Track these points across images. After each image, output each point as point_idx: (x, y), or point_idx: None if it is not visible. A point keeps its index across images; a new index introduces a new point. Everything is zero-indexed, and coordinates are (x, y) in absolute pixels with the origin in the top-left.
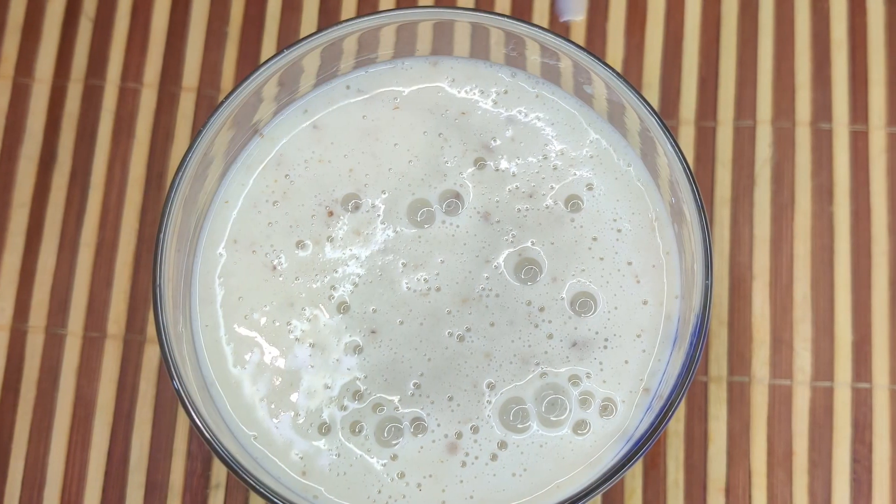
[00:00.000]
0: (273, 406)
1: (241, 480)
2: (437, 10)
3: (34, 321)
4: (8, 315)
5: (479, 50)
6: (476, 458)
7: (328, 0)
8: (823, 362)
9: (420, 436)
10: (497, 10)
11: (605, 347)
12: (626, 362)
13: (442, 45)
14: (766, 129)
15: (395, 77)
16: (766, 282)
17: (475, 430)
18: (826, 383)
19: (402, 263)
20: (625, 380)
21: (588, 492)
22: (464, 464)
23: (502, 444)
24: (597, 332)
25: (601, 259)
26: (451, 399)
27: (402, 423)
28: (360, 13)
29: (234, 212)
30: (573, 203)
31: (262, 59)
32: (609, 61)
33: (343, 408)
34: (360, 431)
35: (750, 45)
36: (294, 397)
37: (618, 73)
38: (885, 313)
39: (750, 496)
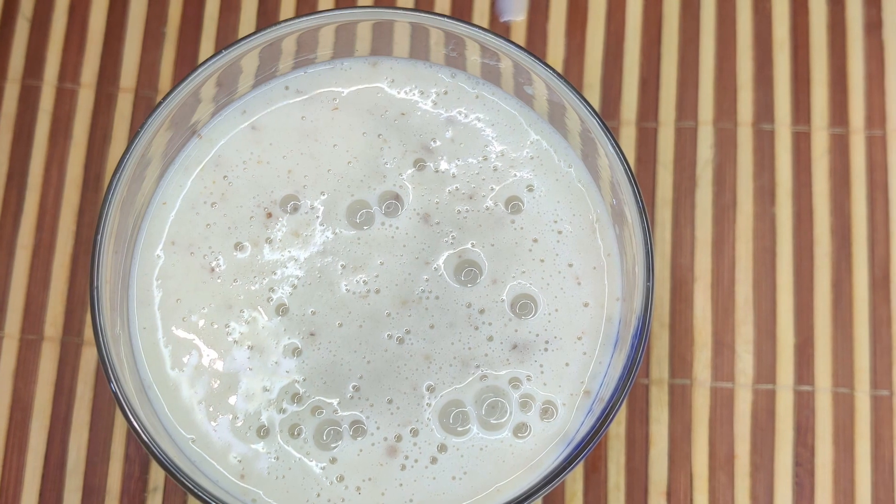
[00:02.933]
0: (211, 409)
1: (178, 484)
2: (376, 10)
3: None
4: None
5: (419, 50)
6: (416, 461)
7: (266, 0)
8: (765, 365)
9: (359, 439)
10: (437, 10)
11: (546, 350)
12: (567, 365)
13: (381, 45)
14: (707, 129)
15: (335, 77)
16: (707, 284)
17: (415, 432)
18: (768, 386)
19: (342, 265)
20: (565, 382)
21: (528, 495)
22: (403, 467)
23: (442, 447)
24: (537, 335)
25: (542, 261)
26: (390, 402)
27: (342, 425)
28: (299, 13)
29: (171, 213)
30: (513, 204)
31: (201, 60)
32: (550, 62)
33: (282, 410)
34: (298, 434)
35: (692, 46)
36: (232, 400)
37: (558, 74)
38: (828, 316)
39: (691, 500)
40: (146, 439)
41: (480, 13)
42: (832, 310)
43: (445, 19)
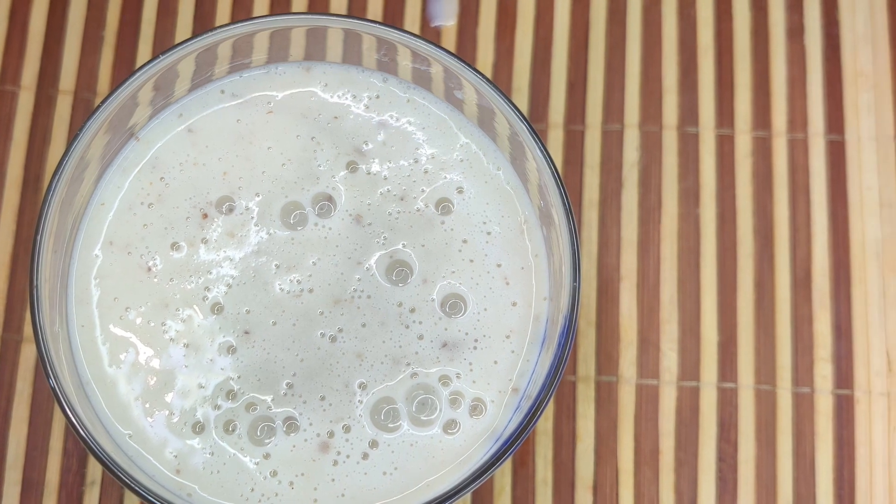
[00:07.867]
0: (148, 405)
1: (115, 478)
2: (310, 16)
3: None
4: None
5: (352, 55)
6: (348, 456)
7: (203, 5)
8: (690, 362)
9: (292, 435)
10: (369, 15)
11: (475, 348)
12: (496, 363)
13: (315, 50)
14: (633, 132)
15: (269, 82)
16: (633, 283)
17: (347, 429)
18: (692, 383)
19: (276, 265)
20: (494, 380)
21: (458, 490)
22: (336, 462)
23: (374, 444)
24: (467, 333)
25: (471, 261)
26: (323, 399)
27: (275, 422)
28: (235, 19)
29: (109, 214)
30: (444, 206)
31: (138, 64)
32: (479, 66)
33: (217, 407)
34: (233, 430)
35: (618, 50)
36: (168, 397)
37: (487, 79)
38: (751, 315)
39: (617, 494)
40: (84, 434)
41: (412, 18)
42: (755, 309)
43: (377, 26)
